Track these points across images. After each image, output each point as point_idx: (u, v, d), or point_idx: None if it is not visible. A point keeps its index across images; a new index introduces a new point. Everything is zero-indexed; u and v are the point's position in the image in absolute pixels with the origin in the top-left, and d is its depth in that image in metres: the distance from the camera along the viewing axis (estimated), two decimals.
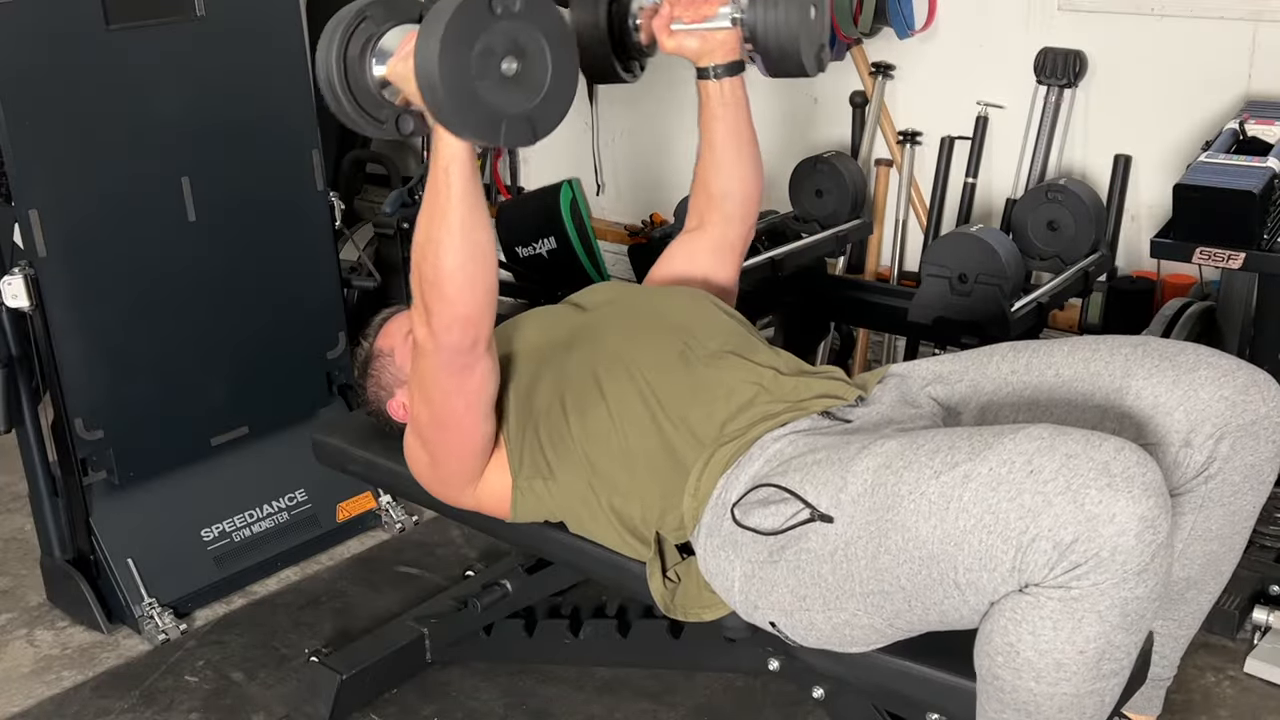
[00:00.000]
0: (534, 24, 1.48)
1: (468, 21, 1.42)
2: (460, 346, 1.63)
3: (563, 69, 1.52)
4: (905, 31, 3.15)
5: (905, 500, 1.41)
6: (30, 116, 2.24)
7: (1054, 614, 1.33)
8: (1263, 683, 2.19)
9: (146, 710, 2.28)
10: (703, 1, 1.89)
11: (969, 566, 1.36)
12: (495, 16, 1.44)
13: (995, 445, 1.37)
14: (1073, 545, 1.29)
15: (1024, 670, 1.37)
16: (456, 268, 1.56)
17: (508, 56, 1.46)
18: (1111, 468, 1.30)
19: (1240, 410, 1.57)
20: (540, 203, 3.88)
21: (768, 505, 1.57)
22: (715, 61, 1.92)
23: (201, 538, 2.60)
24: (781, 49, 1.85)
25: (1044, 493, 1.30)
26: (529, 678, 2.30)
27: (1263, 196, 2.19)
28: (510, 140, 1.51)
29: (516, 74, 1.47)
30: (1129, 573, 1.29)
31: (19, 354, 2.39)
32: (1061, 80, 2.96)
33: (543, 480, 1.79)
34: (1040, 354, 1.71)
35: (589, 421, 1.75)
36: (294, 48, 2.63)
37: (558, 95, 1.53)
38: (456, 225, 1.54)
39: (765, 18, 1.83)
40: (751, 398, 1.72)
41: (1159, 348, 1.63)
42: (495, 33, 1.45)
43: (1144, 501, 1.28)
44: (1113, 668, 1.37)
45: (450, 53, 1.41)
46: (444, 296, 1.58)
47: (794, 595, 1.55)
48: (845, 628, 1.53)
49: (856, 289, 2.89)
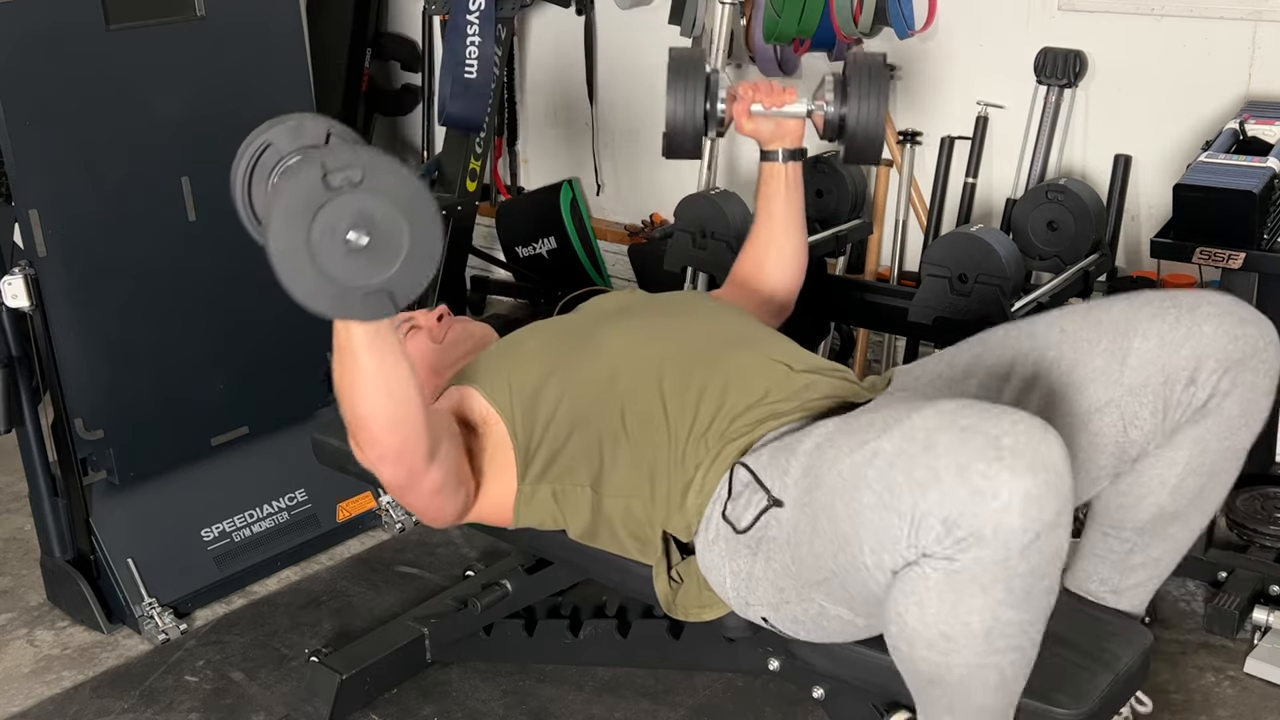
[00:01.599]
0: (379, 193, 1.39)
1: (302, 201, 1.36)
2: (396, 478, 1.63)
3: (421, 231, 1.41)
4: (905, 31, 3.15)
5: (826, 478, 1.43)
6: (30, 116, 2.24)
7: (938, 585, 1.33)
8: (1263, 683, 2.19)
9: (146, 710, 2.28)
10: (780, 90, 2.07)
11: (872, 546, 1.37)
12: (333, 191, 1.37)
13: (903, 421, 1.38)
14: (958, 520, 1.29)
15: (915, 641, 1.39)
16: (375, 412, 1.55)
17: (354, 230, 1.38)
18: (1002, 441, 1.29)
19: (1241, 344, 1.61)
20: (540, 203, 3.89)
21: (749, 498, 1.58)
22: (784, 146, 2.10)
23: (201, 538, 2.60)
24: (868, 139, 2.05)
25: (934, 468, 1.31)
26: (529, 678, 2.30)
27: (1263, 196, 2.19)
28: (367, 315, 1.44)
29: (368, 245, 1.39)
30: (1012, 550, 1.29)
31: (19, 354, 2.39)
32: (1061, 80, 2.96)
33: (549, 484, 1.79)
34: (1041, 320, 1.75)
35: (598, 424, 1.75)
36: (294, 48, 2.63)
37: (418, 259, 1.42)
38: (369, 373, 1.52)
39: (860, 112, 2.02)
40: (763, 394, 1.72)
41: (1157, 294, 1.68)
42: (335, 209, 1.37)
43: (1029, 477, 1.28)
44: (1007, 644, 1.37)
45: (286, 235, 1.36)
46: (370, 434, 1.58)
47: (774, 588, 1.56)
48: (821, 619, 1.55)
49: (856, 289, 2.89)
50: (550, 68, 4.02)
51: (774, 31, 3.12)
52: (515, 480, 1.80)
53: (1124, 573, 1.81)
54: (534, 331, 1.94)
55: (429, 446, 1.60)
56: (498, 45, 3.35)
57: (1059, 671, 1.54)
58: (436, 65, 3.85)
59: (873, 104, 2.02)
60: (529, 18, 3.99)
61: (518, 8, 3.48)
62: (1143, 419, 1.65)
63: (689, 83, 2.05)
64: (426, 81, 4.17)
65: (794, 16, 3.07)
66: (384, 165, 1.39)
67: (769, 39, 3.16)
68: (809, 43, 3.17)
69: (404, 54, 4.34)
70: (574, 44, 3.86)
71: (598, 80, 3.89)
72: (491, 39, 3.28)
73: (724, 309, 1.97)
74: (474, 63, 3.26)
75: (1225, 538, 2.50)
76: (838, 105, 2.05)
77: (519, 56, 4.04)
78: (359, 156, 1.39)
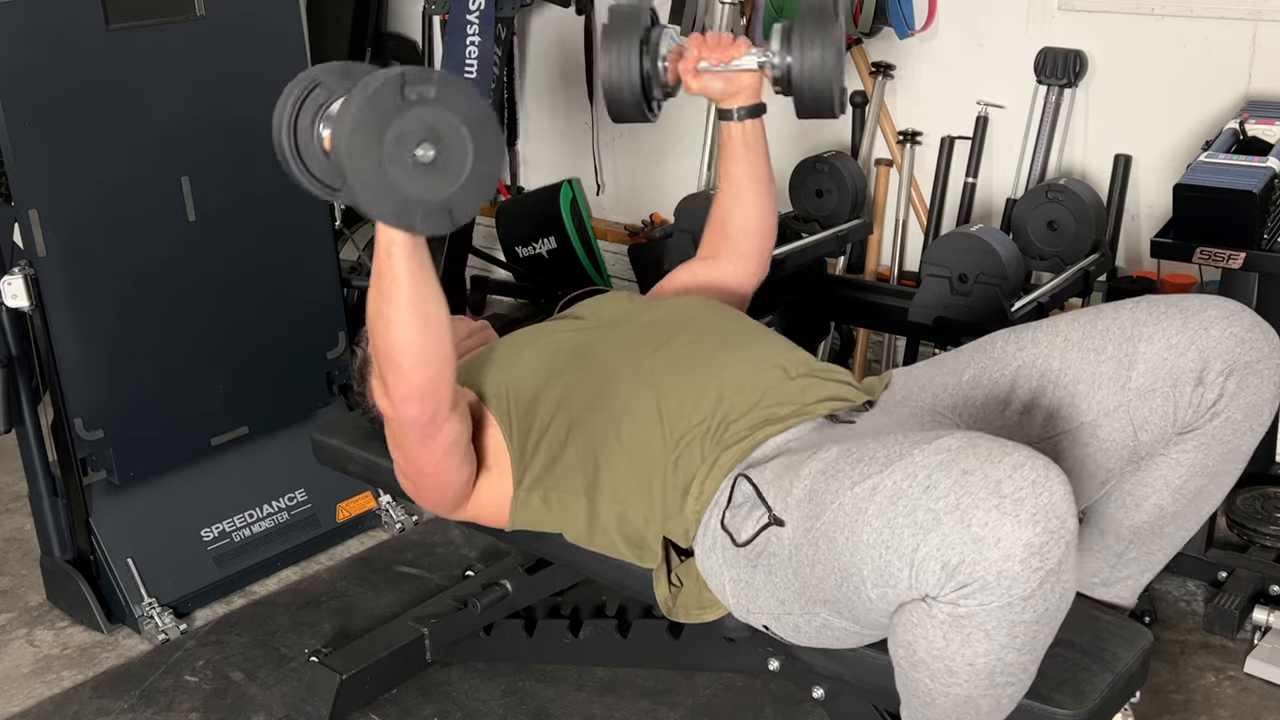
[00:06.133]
0: (451, 110, 1.43)
1: (379, 109, 1.39)
2: (419, 419, 1.63)
3: (484, 153, 1.46)
4: (905, 31, 3.15)
5: (828, 509, 1.41)
6: (30, 116, 2.24)
7: (944, 625, 1.33)
8: (1263, 683, 2.19)
9: (146, 710, 2.28)
10: (729, 44, 1.93)
11: (874, 581, 1.36)
12: (409, 103, 1.40)
13: (906, 456, 1.36)
14: (959, 566, 1.27)
15: (919, 667, 1.39)
16: (408, 342, 1.54)
17: (423, 143, 1.42)
18: (1003, 488, 1.27)
19: (1247, 347, 1.60)
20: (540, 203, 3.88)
21: (750, 511, 1.57)
22: (739, 104, 1.98)
23: (201, 538, 2.60)
24: (815, 92, 1.88)
25: (934, 510, 1.29)
26: (529, 678, 2.30)
27: (1263, 196, 2.19)
28: (426, 229, 1.46)
29: (434, 160, 1.43)
30: (1015, 598, 1.27)
31: (19, 354, 2.39)
32: (1061, 80, 2.96)
33: (543, 492, 1.79)
34: (1044, 328, 1.73)
35: (594, 431, 1.75)
36: (294, 47, 2.63)
37: (478, 180, 1.47)
38: (404, 302, 1.52)
39: (802, 62, 1.86)
40: (759, 398, 1.71)
41: (1161, 299, 1.67)
42: (409, 119, 1.41)
43: (1030, 528, 1.26)
44: (1007, 680, 1.37)
45: (361, 140, 1.38)
46: (398, 369, 1.57)
47: (775, 599, 1.56)
48: (825, 629, 1.54)
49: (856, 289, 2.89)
50: (550, 68, 4.02)
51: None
52: (509, 482, 1.80)
53: (1116, 567, 1.82)
54: (532, 337, 1.93)
55: (452, 394, 1.60)
56: (498, 45, 3.35)
57: (1059, 671, 1.54)
58: (436, 65, 3.85)
59: (818, 51, 1.86)
60: (529, 18, 3.99)
61: (518, 7, 3.48)
62: (1152, 423, 1.64)
63: (624, 38, 1.89)
64: None
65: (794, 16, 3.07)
66: (458, 85, 1.45)
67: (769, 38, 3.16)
68: None
69: (404, 54, 4.33)
70: (574, 44, 3.86)
71: (597, 80, 3.89)
72: (491, 39, 3.28)
73: (720, 310, 1.96)
74: (474, 63, 3.26)
75: (1225, 538, 2.49)
76: (784, 56, 1.90)
77: (519, 56, 4.04)
78: (434, 76, 1.42)
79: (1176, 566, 2.28)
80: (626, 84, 1.90)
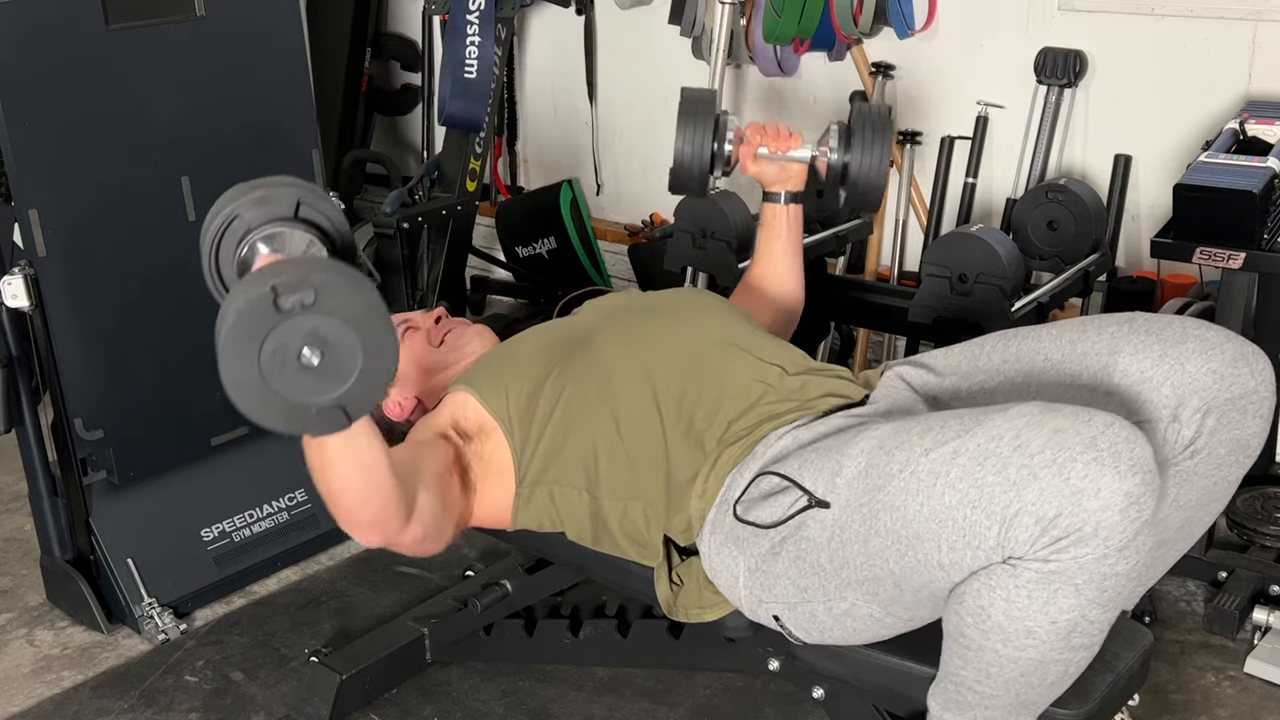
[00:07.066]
0: (332, 314, 1.34)
1: (251, 326, 1.32)
2: (371, 543, 1.63)
3: (374, 349, 1.36)
4: (905, 31, 3.15)
5: (896, 479, 1.41)
6: (30, 116, 2.24)
7: (1030, 584, 1.33)
8: (1263, 683, 2.19)
9: (146, 710, 2.28)
10: (787, 135, 2.12)
11: (952, 544, 1.36)
12: (285, 314, 1.32)
13: (985, 422, 1.37)
14: (1056, 519, 1.29)
15: (992, 632, 1.38)
16: (346, 489, 1.54)
17: (306, 349, 1.34)
18: (1099, 442, 1.30)
19: (1228, 384, 1.56)
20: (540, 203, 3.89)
21: (769, 497, 1.57)
22: (787, 189, 2.15)
23: (201, 538, 2.60)
24: (868, 189, 2.09)
25: (1030, 466, 1.31)
26: (529, 678, 2.30)
27: (1263, 196, 2.19)
28: (320, 430, 1.40)
29: (320, 364, 1.35)
30: (1111, 549, 1.30)
31: (19, 354, 2.39)
32: (1061, 80, 2.96)
33: (545, 489, 1.79)
34: (1029, 340, 1.72)
35: (593, 427, 1.75)
36: (294, 47, 2.63)
37: (372, 376, 1.37)
38: (338, 456, 1.50)
39: (861, 163, 2.07)
40: (759, 396, 1.72)
41: (1145, 323, 1.63)
42: (287, 330, 1.33)
43: (1130, 478, 1.29)
44: (1083, 641, 1.38)
45: (235, 356, 1.33)
46: (343, 512, 1.58)
47: (796, 587, 1.55)
48: (846, 618, 1.54)
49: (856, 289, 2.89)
50: (550, 68, 4.02)
51: (774, 31, 3.12)
52: (513, 484, 1.80)
53: None
54: (530, 336, 1.94)
55: (404, 513, 1.59)
56: (498, 45, 3.35)
57: None
58: (436, 65, 3.85)
59: (876, 155, 2.06)
60: (529, 18, 3.99)
61: (518, 8, 3.48)
62: None
63: (698, 122, 2.09)
64: (426, 81, 4.17)
65: (794, 16, 3.08)
66: (338, 284, 1.34)
67: (769, 39, 3.16)
68: (809, 42, 3.18)
69: (404, 54, 4.34)
70: (574, 44, 3.86)
71: (597, 80, 3.89)
72: (491, 39, 3.28)
73: (720, 307, 1.96)
74: (474, 63, 3.26)
75: (1225, 538, 2.49)
76: (841, 153, 2.09)
77: (519, 56, 4.04)
78: (311, 275, 1.33)
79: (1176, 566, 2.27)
80: (697, 162, 2.10)
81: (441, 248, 3.44)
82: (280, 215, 1.63)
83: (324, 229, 1.66)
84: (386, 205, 3.28)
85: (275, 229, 1.61)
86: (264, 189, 1.63)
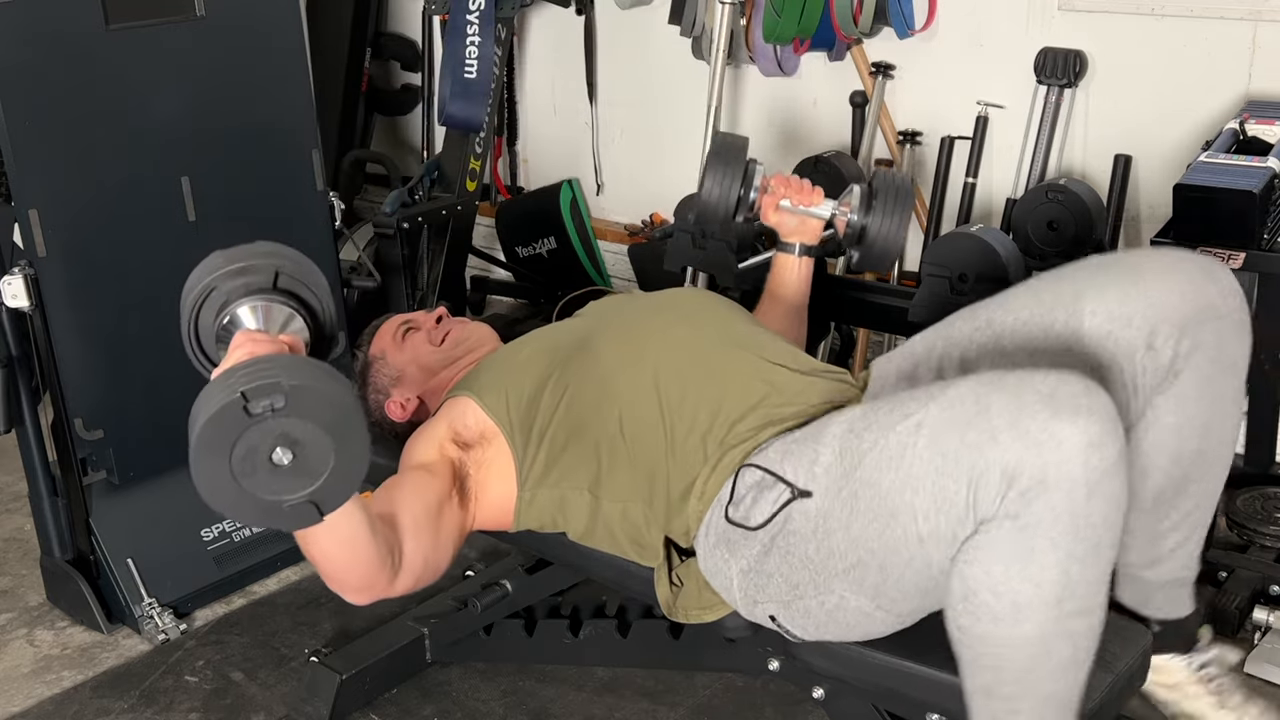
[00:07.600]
0: (303, 417, 1.34)
1: (222, 432, 1.32)
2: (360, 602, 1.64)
3: (347, 448, 1.37)
4: (905, 31, 3.15)
5: (868, 456, 1.44)
6: (30, 116, 2.24)
7: (1005, 548, 1.34)
8: (1263, 683, 2.19)
9: (146, 710, 2.28)
10: (809, 190, 2.18)
11: (927, 513, 1.38)
12: (255, 419, 1.32)
13: (945, 391, 1.41)
14: (1019, 472, 1.31)
15: (982, 613, 1.38)
16: (329, 557, 1.57)
17: (277, 450, 1.35)
18: (1057, 395, 1.33)
19: (1193, 299, 1.58)
20: (540, 203, 3.89)
21: (756, 497, 1.58)
22: (802, 241, 2.21)
23: (201, 538, 2.60)
24: (884, 252, 2.18)
25: (990, 427, 1.33)
26: (529, 678, 2.30)
27: (1263, 196, 2.19)
28: (293, 525, 1.42)
29: (292, 463, 1.35)
30: (1078, 495, 1.31)
31: (19, 354, 2.39)
32: (1061, 80, 2.96)
33: (547, 489, 1.79)
34: (996, 304, 1.73)
35: (595, 429, 1.75)
36: (294, 47, 2.63)
37: (345, 471, 1.38)
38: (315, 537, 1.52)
39: (880, 227, 2.15)
40: (762, 397, 1.72)
41: (1104, 262, 1.66)
42: (258, 433, 1.33)
43: (1090, 425, 1.31)
44: (1076, 606, 1.37)
45: (207, 463, 1.34)
46: (329, 579, 1.61)
47: (788, 584, 1.56)
48: (838, 612, 1.54)
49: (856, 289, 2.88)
50: (550, 68, 4.02)
51: (774, 31, 3.12)
52: (515, 487, 1.80)
53: (1156, 541, 1.74)
54: (531, 340, 1.94)
55: (389, 571, 1.61)
56: (498, 45, 3.35)
57: None
58: (436, 65, 3.86)
59: (895, 221, 2.14)
60: (529, 18, 3.99)
61: (518, 8, 3.48)
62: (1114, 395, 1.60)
63: (729, 167, 2.17)
64: (426, 81, 4.17)
65: (794, 16, 3.07)
66: (309, 388, 1.34)
67: (769, 39, 3.16)
68: (809, 42, 3.17)
69: (404, 54, 4.34)
70: (574, 44, 3.86)
71: (597, 80, 3.89)
72: (491, 39, 3.28)
73: (722, 307, 1.96)
74: (474, 63, 3.26)
75: (1225, 538, 2.49)
76: (861, 215, 2.16)
77: (519, 56, 4.04)
78: (282, 378, 1.33)
79: None
80: (723, 204, 2.18)
81: (441, 248, 3.44)
82: (259, 287, 1.62)
83: (304, 299, 1.65)
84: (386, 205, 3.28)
85: (254, 302, 1.60)
86: (243, 260, 1.62)
